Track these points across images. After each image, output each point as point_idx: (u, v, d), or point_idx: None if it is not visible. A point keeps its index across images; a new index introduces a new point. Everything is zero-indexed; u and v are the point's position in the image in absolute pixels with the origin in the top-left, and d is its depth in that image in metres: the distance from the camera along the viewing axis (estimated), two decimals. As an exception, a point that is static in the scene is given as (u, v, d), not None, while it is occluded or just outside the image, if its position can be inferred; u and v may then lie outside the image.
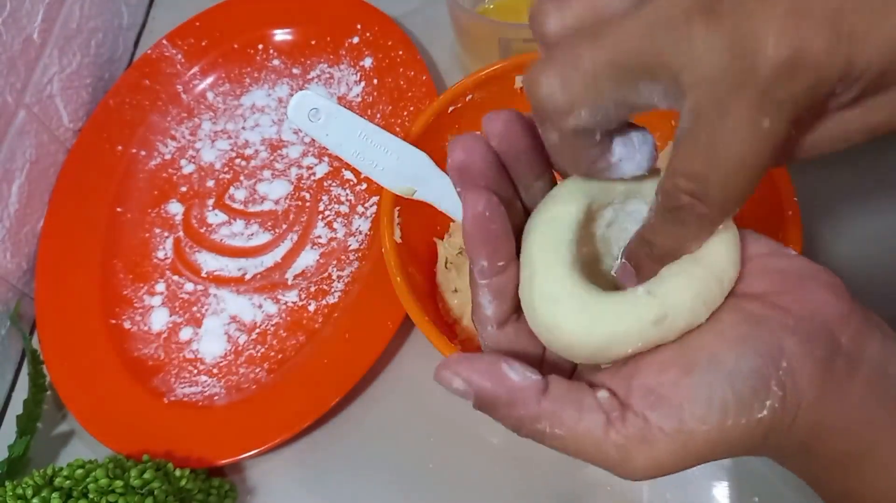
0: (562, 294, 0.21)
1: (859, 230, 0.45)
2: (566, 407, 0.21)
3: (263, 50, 0.58)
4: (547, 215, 0.23)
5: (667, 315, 0.21)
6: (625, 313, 0.21)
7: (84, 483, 0.37)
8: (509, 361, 0.21)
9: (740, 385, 0.20)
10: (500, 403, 0.21)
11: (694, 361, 0.21)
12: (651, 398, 0.21)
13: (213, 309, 0.49)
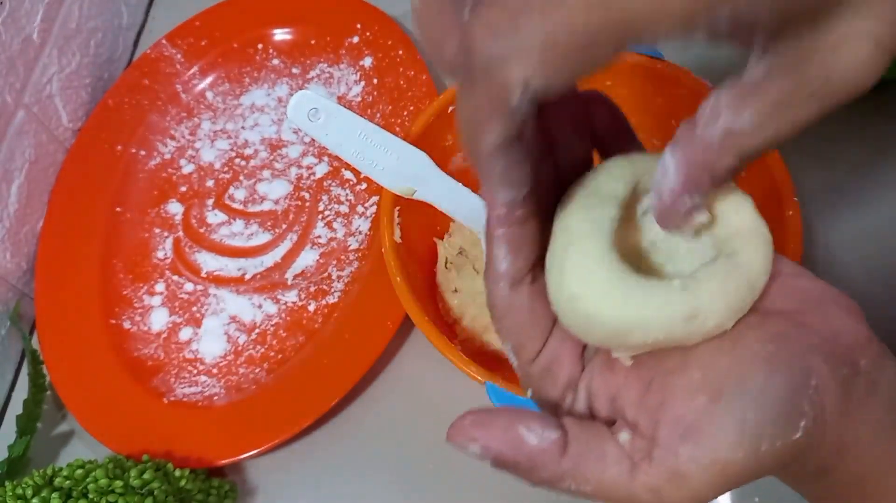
0: (598, 267, 0.20)
1: (859, 230, 0.45)
2: (588, 461, 0.20)
3: (263, 49, 0.58)
4: (593, 186, 0.22)
5: (697, 314, 0.20)
6: (657, 299, 0.20)
7: (84, 483, 0.37)
8: (526, 420, 0.20)
9: (773, 408, 0.19)
10: (520, 468, 0.20)
11: (722, 385, 0.20)
12: (681, 430, 0.20)
13: (212, 309, 0.49)
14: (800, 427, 0.19)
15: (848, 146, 0.48)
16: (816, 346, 0.20)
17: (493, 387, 0.35)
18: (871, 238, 0.44)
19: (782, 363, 0.20)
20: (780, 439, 0.19)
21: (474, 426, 0.20)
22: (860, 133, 0.48)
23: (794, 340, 0.20)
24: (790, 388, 0.20)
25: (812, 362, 0.20)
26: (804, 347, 0.20)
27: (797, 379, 0.20)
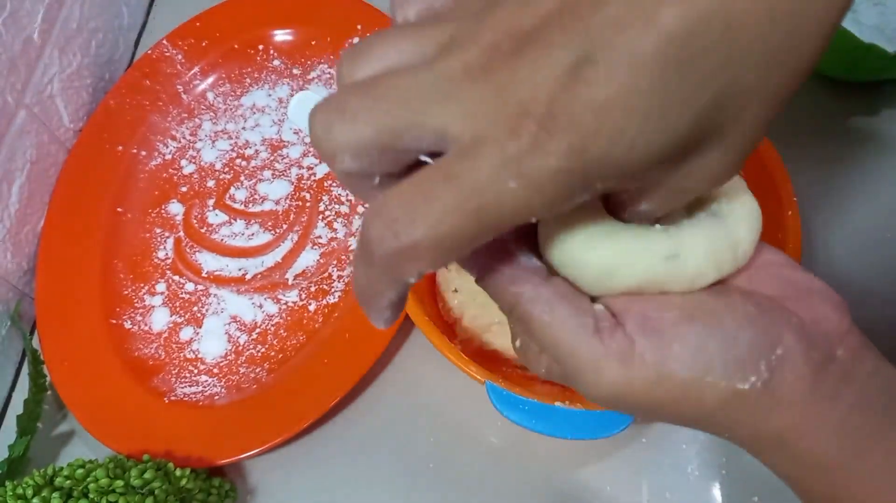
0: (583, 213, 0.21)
1: (859, 230, 0.45)
2: (564, 300, 0.21)
3: (264, 50, 0.58)
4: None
5: (679, 254, 0.21)
6: (637, 240, 0.21)
7: (84, 483, 0.37)
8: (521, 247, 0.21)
9: (732, 350, 0.20)
10: (504, 278, 0.21)
11: (697, 313, 0.21)
12: (645, 326, 0.21)
13: (213, 309, 0.49)
14: (749, 381, 0.20)
15: (847, 146, 0.48)
16: (794, 325, 0.21)
17: (493, 386, 0.35)
18: (870, 238, 0.44)
19: (758, 323, 0.21)
20: (725, 380, 0.20)
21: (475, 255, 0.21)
22: (860, 133, 0.48)
23: (775, 313, 0.21)
24: (755, 345, 0.20)
25: (785, 335, 0.21)
26: (782, 321, 0.21)
27: (765, 341, 0.21)
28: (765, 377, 0.20)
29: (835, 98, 0.49)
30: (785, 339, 0.21)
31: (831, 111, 0.49)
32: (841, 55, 0.46)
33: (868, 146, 0.48)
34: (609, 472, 0.40)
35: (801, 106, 0.49)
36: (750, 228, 0.22)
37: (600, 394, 0.21)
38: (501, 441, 0.42)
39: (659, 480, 0.40)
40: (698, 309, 0.21)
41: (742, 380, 0.20)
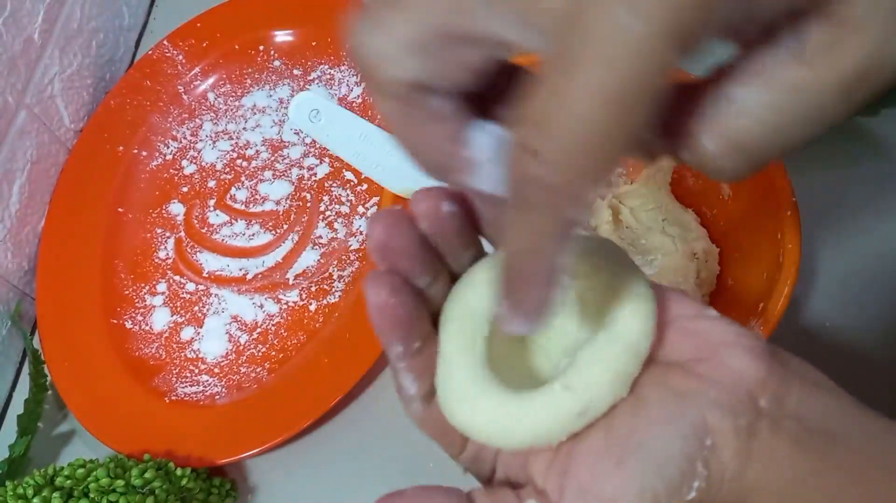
0: (477, 397, 0.21)
1: (859, 230, 0.45)
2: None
3: (264, 51, 0.58)
4: (465, 307, 0.22)
5: (588, 407, 0.21)
6: (545, 413, 0.21)
7: (85, 482, 0.37)
8: (434, 498, 0.22)
9: (669, 472, 0.20)
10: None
11: (624, 452, 0.21)
12: (585, 497, 0.20)
13: (214, 309, 0.49)
14: (693, 488, 0.20)
15: (847, 145, 0.48)
16: (714, 400, 0.20)
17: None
18: (871, 238, 0.44)
19: (679, 426, 0.20)
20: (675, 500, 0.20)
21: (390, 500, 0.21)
22: (860, 133, 0.48)
23: (691, 397, 0.21)
24: (686, 451, 0.20)
25: (710, 419, 0.20)
26: (701, 403, 0.21)
27: (692, 440, 0.20)
28: (704, 475, 0.20)
29: (834, 99, 0.49)
30: (711, 423, 0.20)
31: (831, 112, 0.49)
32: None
33: (868, 145, 0.48)
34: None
35: (800, 106, 0.49)
36: (644, 323, 0.21)
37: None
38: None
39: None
40: (622, 443, 0.21)
41: (688, 491, 0.20)
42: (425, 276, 0.22)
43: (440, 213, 0.21)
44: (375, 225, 0.20)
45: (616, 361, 0.21)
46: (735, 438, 0.20)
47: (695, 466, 0.20)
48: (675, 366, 0.22)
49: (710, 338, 0.22)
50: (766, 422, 0.21)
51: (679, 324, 0.22)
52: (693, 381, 0.21)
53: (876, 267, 0.43)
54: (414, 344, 0.22)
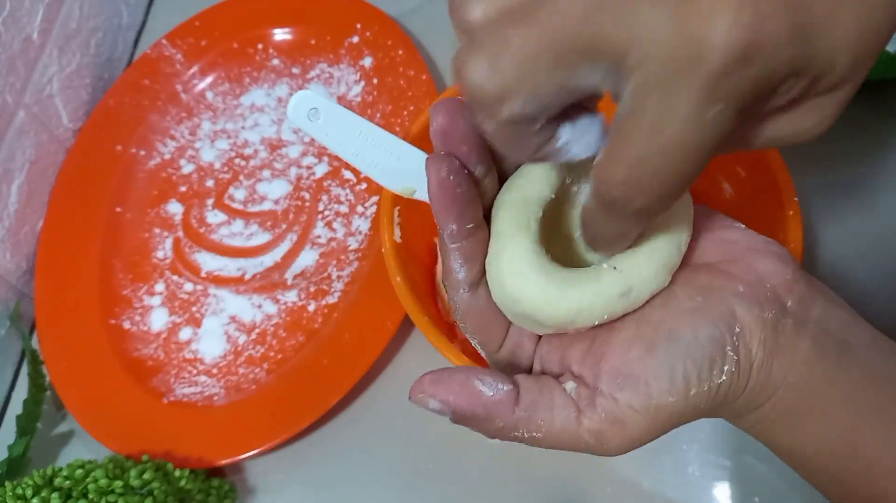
0: (528, 269, 0.22)
1: (860, 229, 0.45)
2: (538, 410, 0.22)
3: (263, 49, 0.58)
4: (519, 192, 0.23)
5: (632, 288, 0.22)
6: (591, 287, 0.22)
7: (84, 483, 0.37)
8: (480, 375, 0.22)
9: (699, 355, 0.21)
10: (477, 418, 0.22)
11: (655, 338, 0.22)
12: (619, 379, 0.22)
13: (212, 309, 0.49)
14: (724, 371, 0.22)
15: (848, 146, 0.48)
16: (741, 294, 0.22)
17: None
18: (872, 237, 0.44)
19: (708, 314, 0.22)
20: (706, 383, 0.22)
21: (433, 384, 0.22)
22: (860, 132, 0.48)
23: (720, 291, 0.22)
24: (715, 337, 0.22)
25: (737, 310, 0.22)
26: (729, 296, 0.22)
27: (722, 327, 0.22)
28: (735, 360, 0.22)
29: (836, 97, 0.49)
30: (738, 313, 0.22)
31: (832, 110, 0.49)
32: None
33: (869, 146, 0.48)
34: (610, 473, 0.40)
35: (801, 105, 0.49)
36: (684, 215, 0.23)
37: (614, 454, 0.22)
38: (501, 441, 0.42)
39: (660, 481, 0.40)
40: (654, 332, 0.22)
41: (719, 374, 0.22)
42: (480, 166, 0.22)
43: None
44: (439, 111, 0.21)
45: (660, 250, 0.22)
46: (762, 329, 0.22)
47: (724, 350, 0.21)
48: (706, 267, 0.23)
49: (739, 245, 0.23)
50: (791, 320, 0.22)
51: (709, 232, 0.24)
52: (722, 278, 0.23)
53: (877, 267, 0.43)
54: (467, 225, 0.22)
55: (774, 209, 0.36)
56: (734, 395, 0.22)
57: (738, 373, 0.22)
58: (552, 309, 0.22)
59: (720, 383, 0.22)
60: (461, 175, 0.22)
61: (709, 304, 0.22)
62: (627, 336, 0.22)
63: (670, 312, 0.22)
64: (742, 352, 0.22)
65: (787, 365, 0.22)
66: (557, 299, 0.22)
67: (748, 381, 0.22)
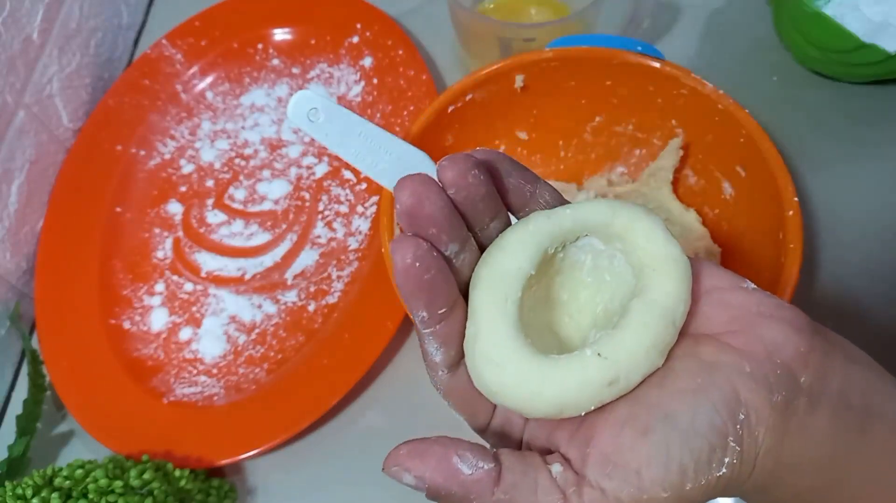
0: (506, 358, 0.20)
1: (861, 230, 0.45)
2: (521, 492, 0.20)
3: (263, 49, 0.58)
4: (495, 268, 0.22)
5: (619, 377, 0.20)
6: (575, 378, 0.20)
7: (84, 483, 0.37)
8: (460, 450, 0.20)
9: (698, 445, 0.19)
10: (454, 498, 0.20)
11: (650, 421, 0.20)
12: (608, 467, 0.20)
13: (212, 309, 0.49)
14: (724, 463, 0.20)
15: (848, 146, 0.48)
16: (748, 374, 0.20)
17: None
18: (872, 237, 0.44)
19: (709, 397, 0.20)
20: (704, 477, 0.20)
21: (409, 456, 0.21)
22: (861, 133, 0.48)
23: (723, 369, 0.20)
24: (716, 425, 0.20)
25: (742, 392, 0.20)
26: (734, 376, 0.20)
27: (724, 414, 0.20)
28: (737, 451, 0.20)
29: (835, 98, 0.49)
30: (743, 397, 0.20)
31: (832, 111, 0.49)
32: (841, 55, 0.46)
33: (869, 146, 0.48)
34: None
35: (802, 106, 0.49)
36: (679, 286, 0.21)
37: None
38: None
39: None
40: (648, 414, 0.20)
41: (718, 467, 0.20)
42: (453, 244, 0.21)
43: (467, 179, 0.21)
44: (403, 190, 0.20)
45: (651, 329, 0.20)
46: (770, 414, 0.20)
47: (726, 441, 0.20)
48: (708, 338, 0.21)
49: (747, 310, 0.21)
50: (805, 398, 0.20)
51: (713, 295, 0.22)
52: (727, 353, 0.20)
53: (878, 268, 0.43)
54: (439, 310, 0.21)
55: (774, 209, 0.36)
56: (736, 485, 0.20)
57: (740, 464, 0.20)
58: (533, 403, 0.20)
59: (720, 476, 0.20)
60: (430, 259, 0.20)
61: (710, 385, 0.20)
62: (619, 417, 0.20)
63: (667, 393, 0.20)
64: (746, 442, 0.20)
65: (801, 447, 0.20)
66: (539, 392, 0.20)
67: (752, 470, 0.20)
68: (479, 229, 0.23)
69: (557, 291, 0.24)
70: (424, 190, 0.20)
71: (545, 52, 0.41)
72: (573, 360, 0.20)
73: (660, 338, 0.21)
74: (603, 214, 0.22)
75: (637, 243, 0.22)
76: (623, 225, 0.22)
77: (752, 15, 0.53)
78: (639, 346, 0.20)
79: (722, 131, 0.40)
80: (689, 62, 0.43)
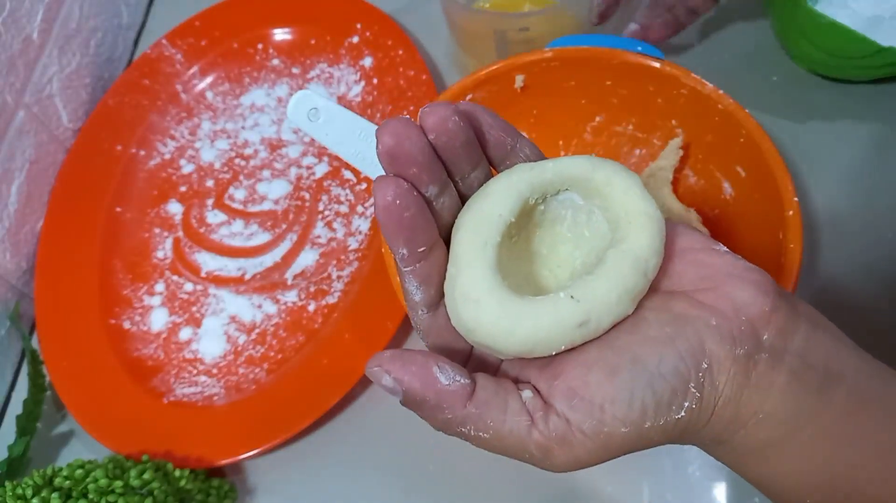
0: (483, 295, 0.21)
1: (860, 229, 0.45)
2: (491, 410, 0.21)
3: (263, 49, 0.58)
4: (477, 213, 0.23)
5: (590, 318, 0.21)
6: (547, 318, 0.21)
7: (84, 483, 0.37)
8: (440, 362, 0.21)
9: (661, 388, 0.21)
10: (427, 405, 0.21)
11: (618, 363, 0.21)
12: (573, 400, 0.21)
13: (212, 309, 0.49)
14: (683, 407, 0.21)
15: (849, 146, 0.48)
16: (714, 327, 0.21)
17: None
18: (872, 237, 0.44)
19: (677, 346, 0.21)
20: (663, 418, 0.21)
21: (392, 359, 0.21)
22: (861, 133, 0.48)
23: (692, 322, 0.21)
24: (680, 371, 0.21)
25: (707, 344, 0.21)
26: (701, 328, 0.21)
27: (689, 361, 0.21)
28: (697, 397, 0.21)
29: (835, 98, 0.49)
30: (707, 347, 0.21)
31: (832, 111, 0.49)
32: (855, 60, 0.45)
33: (869, 146, 0.48)
34: (610, 473, 0.40)
35: (802, 106, 0.49)
36: (651, 240, 0.22)
37: (556, 470, 0.22)
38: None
39: (660, 481, 0.40)
40: (617, 357, 0.21)
41: (678, 410, 0.21)
42: (433, 186, 0.22)
43: (447, 125, 0.22)
44: (384, 131, 0.21)
45: (623, 277, 0.21)
46: (731, 365, 0.21)
47: (687, 386, 0.21)
48: (680, 295, 0.22)
49: (717, 270, 0.22)
50: (766, 354, 0.21)
51: (686, 255, 0.23)
52: (696, 308, 0.22)
53: (878, 269, 0.43)
54: (419, 248, 0.22)
55: (774, 209, 0.36)
56: (693, 430, 0.22)
57: (698, 409, 0.21)
58: (507, 340, 0.21)
59: (678, 418, 0.21)
60: (409, 197, 0.21)
61: (678, 335, 0.21)
62: (588, 359, 0.22)
63: (637, 339, 0.21)
64: (706, 389, 0.21)
65: (759, 400, 0.21)
66: (512, 330, 0.21)
67: (710, 417, 0.21)
68: (459, 178, 0.23)
69: (538, 245, 0.25)
70: (405, 131, 0.21)
71: (545, 51, 0.41)
72: (547, 301, 0.21)
73: (631, 286, 0.22)
74: (583, 168, 0.23)
75: (615, 198, 0.23)
76: (602, 179, 0.23)
77: (753, 15, 0.53)
78: (610, 292, 0.21)
79: (722, 131, 0.40)
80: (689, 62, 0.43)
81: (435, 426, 0.22)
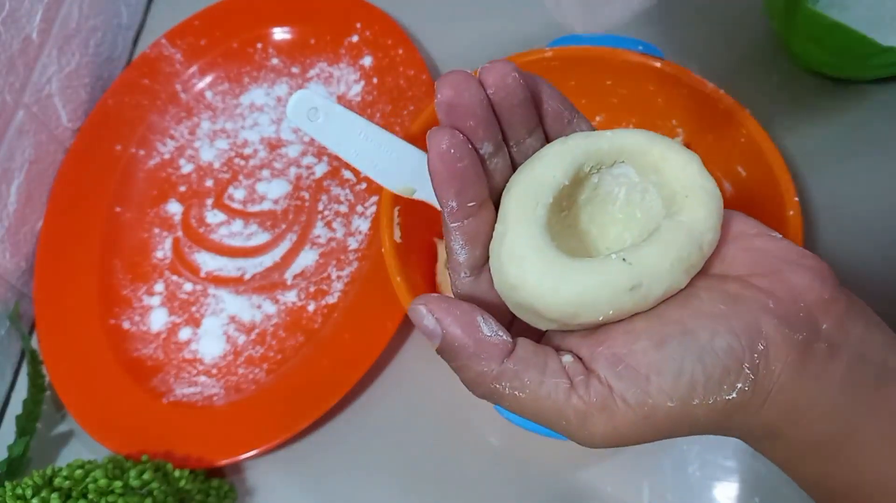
0: (529, 254, 0.21)
1: (861, 229, 0.45)
2: (529, 369, 0.20)
3: (262, 49, 0.58)
4: (530, 174, 0.22)
5: (642, 283, 0.20)
6: (596, 278, 0.20)
7: (83, 483, 0.37)
8: (485, 315, 0.21)
9: (712, 363, 0.20)
10: (464, 353, 0.20)
11: (667, 333, 0.20)
12: (618, 366, 0.20)
13: (212, 309, 0.49)
14: (736, 388, 0.20)
15: (849, 145, 0.48)
16: (771, 310, 0.20)
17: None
18: (872, 237, 0.44)
19: (732, 323, 0.20)
20: (713, 396, 0.20)
21: (437, 301, 0.21)
22: (861, 133, 0.48)
23: (748, 302, 0.20)
24: (734, 348, 0.20)
25: (764, 325, 0.20)
26: (757, 309, 0.20)
27: (744, 340, 0.20)
28: (751, 379, 0.20)
29: (835, 98, 0.49)
30: (764, 329, 0.20)
31: (832, 111, 0.49)
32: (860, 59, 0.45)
33: (869, 145, 0.48)
34: (610, 473, 0.40)
35: (802, 106, 0.49)
36: (709, 214, 0.21)
37: (594, 443, 0.21)
38: (501, 441, 0.42)
39: (660, 481, 0.40)
40: (667, 328, 0.20)
41: (729, 390, 0.20)
42: (487, 143, 0.22)
43: (507, 80, 0.21)
44: (444, 83, 0.21)
45: (678, 245, 0.21)
46: (789, 350, 0.20)
47: (741, 366, 0.20)
48: (734, 278, 0.21)
49: (773, 256, 0.22)
50: (825, 345, 0.20)
51: (740, 241, 0.22)
52: (751, 290, 0.21)
53: (878, 268, 0.43)
54: (468, 202, 0.21)
55: (774, 209, 0.36)
56: (743, 417, 0.20)
57: (751, 392, 0.20)
58: (552, 298, 0.20)
59: (728, 399, 0.20)
60: (464, 149, 0.21)
61: (734, 314, 0.20)
62: (637, 327, 0.21)
63: (688, 312, 0.20)
64: (761, 372, 0.20)
65: (817, 393, 0.20)
66: (558, 288, 0.20)
67: (764, 403, 0.20)
68: (514, 142, 0.23)
69: (587, 224, 0.24)
70: (465, 83, 0.21)
71: (545, 51, 0.41)
72: (596, 262, 0.21)
73: (685, 256, 0.21)
74: (641, 142, 0.23)
75: (672, 173, 0.22)
76: (660, 154, 0.22)
77: (753, 15, 0.53)
78: (664, 259, 0.20)
79: (722, 131, 0.40)
80: (689, 62, 0.43)
81: (466, 380, 0.21)
